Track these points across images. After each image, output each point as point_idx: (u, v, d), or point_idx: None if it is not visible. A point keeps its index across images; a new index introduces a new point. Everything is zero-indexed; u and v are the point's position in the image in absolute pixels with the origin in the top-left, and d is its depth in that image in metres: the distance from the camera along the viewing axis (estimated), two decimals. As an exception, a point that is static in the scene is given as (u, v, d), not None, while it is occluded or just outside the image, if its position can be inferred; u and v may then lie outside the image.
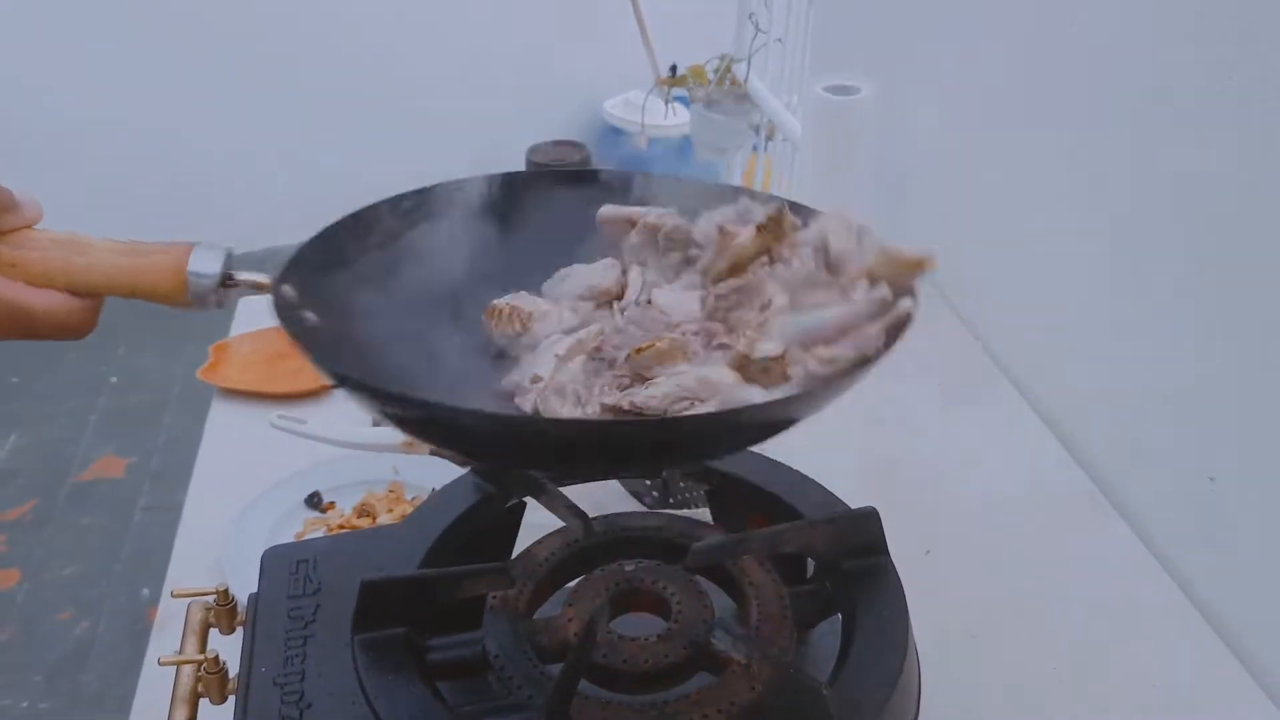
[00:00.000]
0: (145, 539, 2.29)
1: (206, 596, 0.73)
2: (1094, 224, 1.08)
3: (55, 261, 0.59)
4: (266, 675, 0.66)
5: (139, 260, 0.61)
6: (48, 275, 0.59)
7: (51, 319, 0.60)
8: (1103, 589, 0.96)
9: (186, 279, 0.61)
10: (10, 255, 0.59)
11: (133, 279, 0.60)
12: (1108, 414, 1.08)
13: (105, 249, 0.61)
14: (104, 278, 0.60)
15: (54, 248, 0.60)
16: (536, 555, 0.73)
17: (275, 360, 1.28)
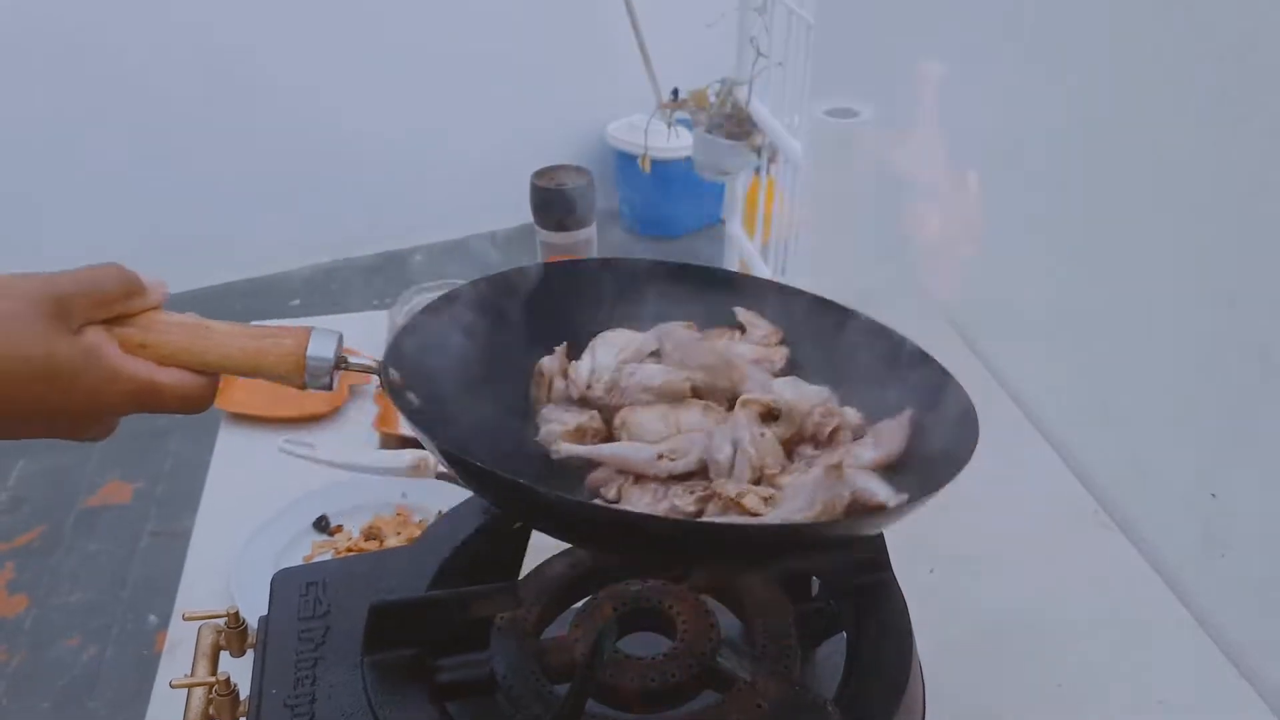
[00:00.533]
0: (152, 564, 2.29)
1: (217, 619, 0.73)
2: (1094, 242, 1.09)
3: (181, 343, 0.63)
4: (277, 697, 0.66)
5: (260, 344, 0.64)
6: (174, 355, 0.63)
7: (176, 394, 0.63)
8: (1106, 605, 0.96)
9: (305, 364, 0.64)
10: (140, 336, 0.62)
11: (254, 361, 0.64)
12: (1108, 430, 1.09)
13: (227, 332, 0.65)
14: (226, 359, 0.64)
15: (180, 330, 0.63)
16: (544, 575, 0.74)
17: (283, 385, 1.29)
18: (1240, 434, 0.90)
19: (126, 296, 0.63)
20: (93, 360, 0.60)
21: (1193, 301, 0.94)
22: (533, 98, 3.47)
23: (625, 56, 2.41)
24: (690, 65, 2.34)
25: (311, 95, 3.22)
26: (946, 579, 0.98)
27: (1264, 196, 0.84)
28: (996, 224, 1.29)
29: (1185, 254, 0.94)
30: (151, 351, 0.63)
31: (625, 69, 2.56)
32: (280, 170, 3.29)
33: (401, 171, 3.44)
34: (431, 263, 3.47)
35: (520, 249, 3.58)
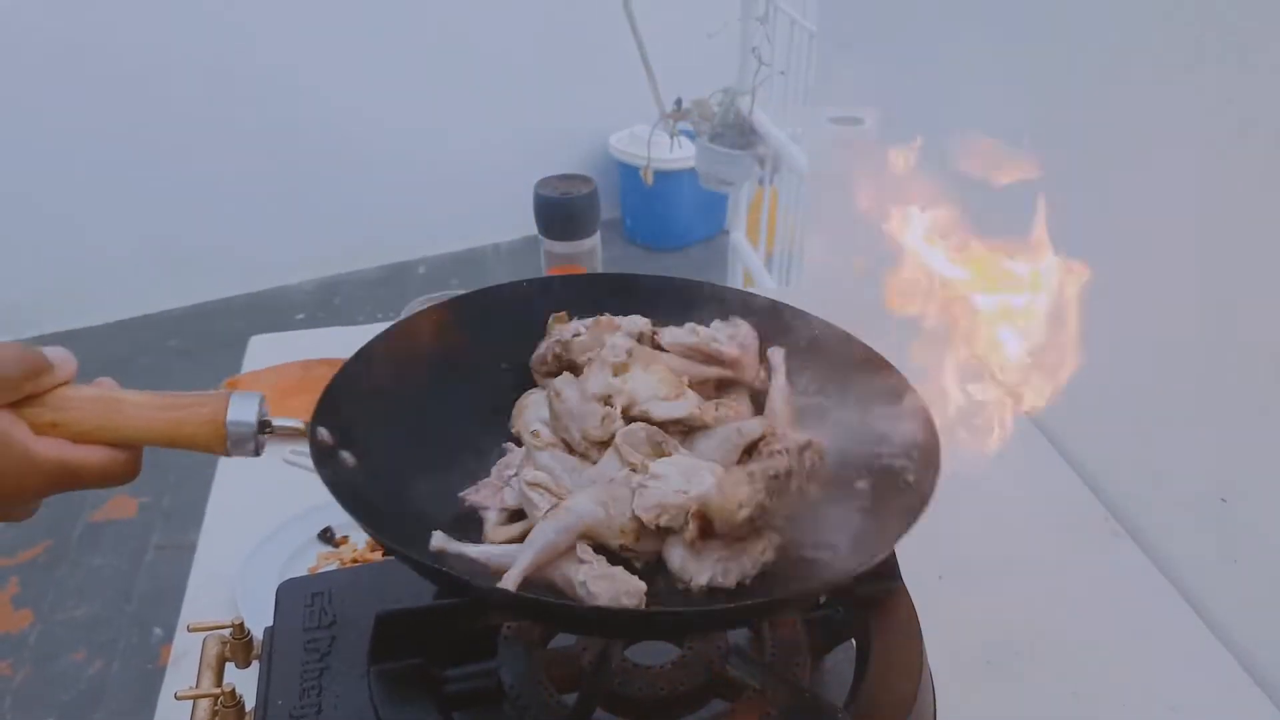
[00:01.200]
0: (157, 578, 2.29)
1: (222, 630, 0.73)
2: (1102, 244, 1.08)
3: (94, 419, 0.61)
4: (283, 708, 0.66)
5: (176, 414, 0.62)
6: (88, 433, 0.61)
7: (94, 470, 0.61)
8: (1117, 612, 0.96)
9: (225, 430, 0.62)
10: (51, 415, 0.60)
11: (172, 432, 0.62)
12: (1118, 437, 1.08)
13: (141, 403, 0.62)
14: (143, 431, 0.62)
15: (91, 405, 0.61)
16: (550, 584, 0.73)
17: (287, 396, 1.28)
18: (1252, 439, 0.89)
19: (32, 376, 0.60)
20: (3, 445, 0.58)
21: (1202, 306, 0.94)
22: (535, 110, 3.48)
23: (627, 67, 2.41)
24: (693, 75, 2.34)
25: (315, 107, 3.24)
26: (956, 587, 0.97)
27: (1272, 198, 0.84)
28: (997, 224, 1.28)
29: (1195, 257, 0.94)
30: (64, 430, 0.60)
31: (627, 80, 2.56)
32: (283, 183, 3.30)
33: (404, 184, 3.45)
34: (435, 275, 3.47)
35: (525, 261, 3.59)
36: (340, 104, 3.25)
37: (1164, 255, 0.98)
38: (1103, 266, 1.07)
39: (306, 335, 1.45)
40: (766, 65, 2.17)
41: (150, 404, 0.62)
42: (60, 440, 0.60)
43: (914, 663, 0.66)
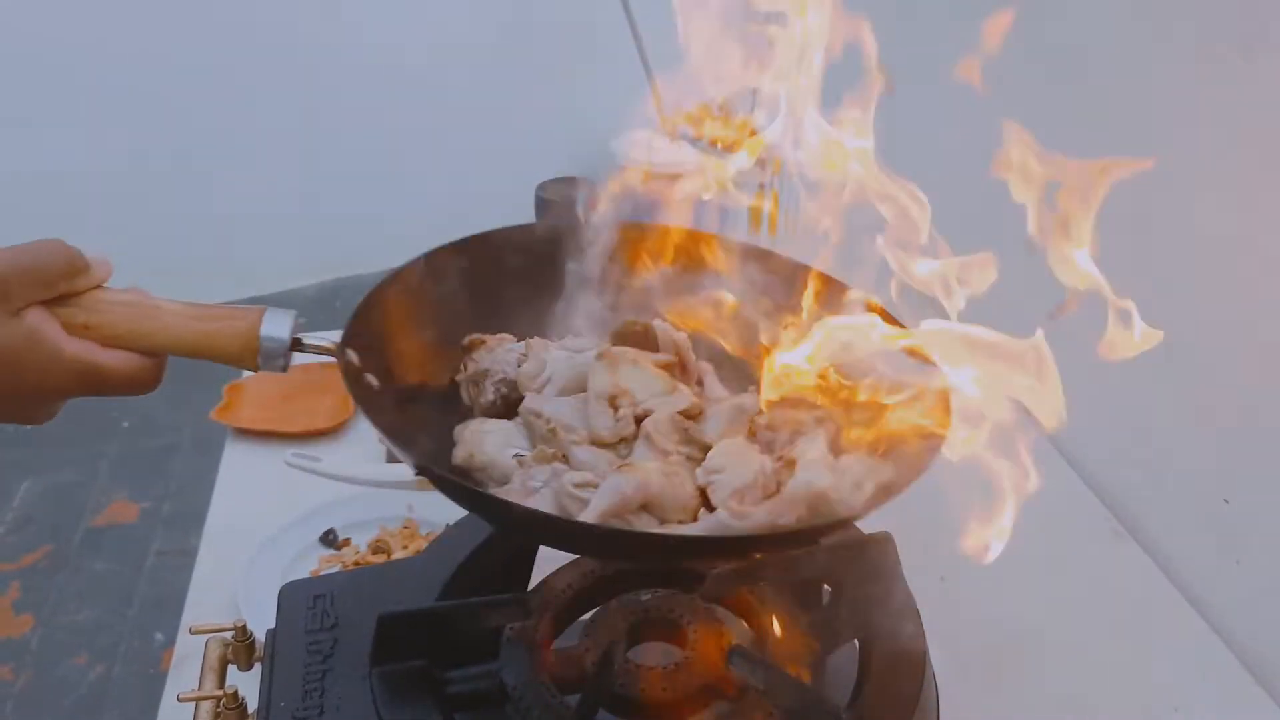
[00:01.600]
0: (159, 583, 2.28)
1: (224, 633, 0.73)
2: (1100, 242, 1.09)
3: (126, 324, 0.61)
4: (286, 709, 0.66)
5: (210, 325, 0.62)
6: (119, 337, 0.61)
7: (121, 376, 0.61)
8: (1120, 613, 0.96)
9: (259, 344, 0.62)
10: (84, 317, 0.60)
11: (205, 342, 0.62)
12: (1119, 437, 1.08)
13: (175, 312, 0.62)
14: (174, 340, 0.62)
15: (125, 310, 0.61)
16: (553, 586, 0.73)
17: (289, 400, 1.29)
18: (1254, 440, 0.89)
19: (70, 275, 0.60)
20: (34, 343, 0.58)
21: (1202, 305, 0.94)
22: (535, 114, 3.48)
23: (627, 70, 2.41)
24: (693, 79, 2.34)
25: (314, 110, 3.24)
26: (959, 589, 0.96)
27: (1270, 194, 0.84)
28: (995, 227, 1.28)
29: (1195, 256, 0.94)
30: (95, 333, 0.60)
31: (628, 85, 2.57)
32: (282, 187, 3.29)
33: (404, 188, 3.45)
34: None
35: (524, 265, 3.59)
36: (340, 108, 3.25)
37: (1163, 254, 0.98)
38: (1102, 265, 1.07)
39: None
40: (767, 69, 2.17)
41: (185, 313, 0.62)
42: (90, 343, 0.60)
43: (917, 664, 0.66)
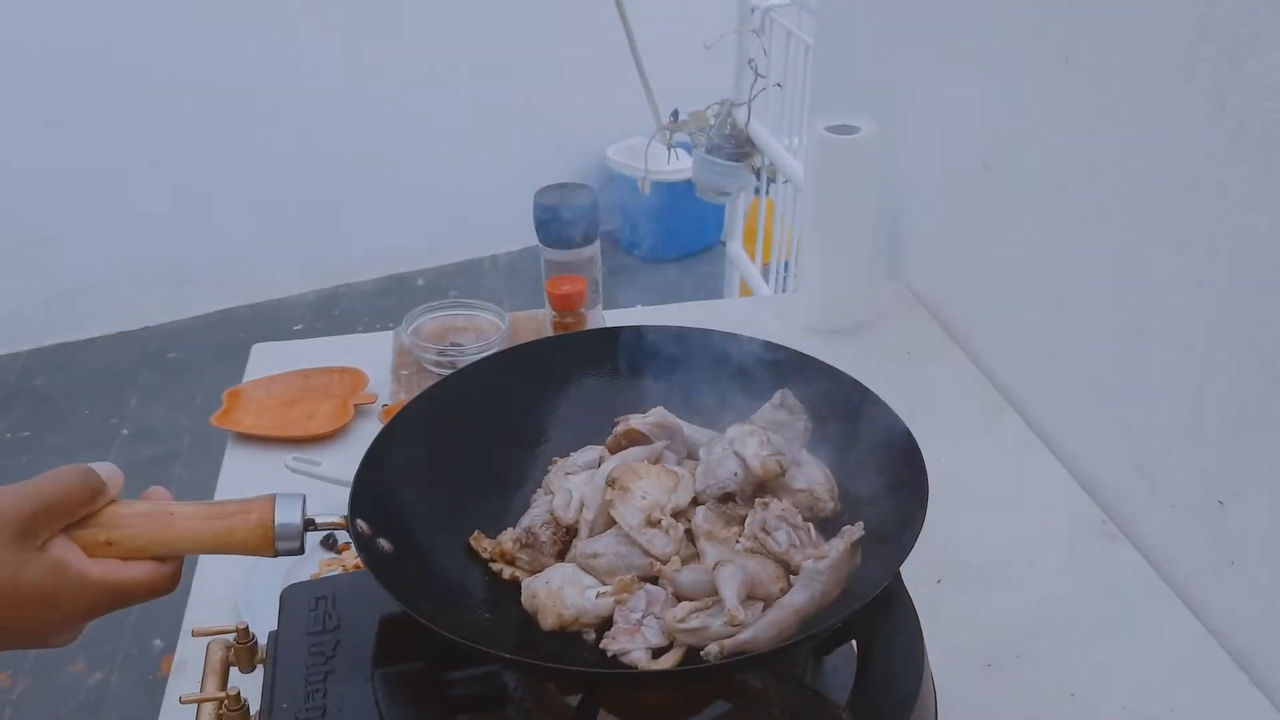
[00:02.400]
0: (156, 590, 2.28)
1: (226, 635, 0.73)
2: (1095, 251, 1.10)
3: (146, 535, 0.62)
4: (288, 711, 0.66)
5: (225, 523, 0.63)
6: (139, 549, 0.61)
7: (144, 588, 0.62)
8: (1115, 615, 0.96)
9: (274, 533, 0.64)
10: (105, 534, 0.60)
11: (223, 540, 0.63)
12: (1113, 440, 1.09)
13: (190, 515, 0.63)
14: (193, 542, 0.63)
15: (143, 521, 0.62)
16: (553, 587, 0.74)
17: (289, 405, 1.29)
18: (1248, 441, 0.90)
19: (90, 500, 0.60)
20: (60, 577, 0.58)
21: (1197, 307, 0.95)
22: (532, 122, 3.50)
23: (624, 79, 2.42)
24: (689, 87, 2.35)
25: (312, 120, 3.25)
26: (955, 590, 0.97)
27: (1266, 199, 0.85)
28: (995, 233, 1.29)
29: (1190, 258, 0.95)
30: (117, 549, 0.61)
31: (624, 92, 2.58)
32: (281, 195, 3.31)
33: (402, 196, 3.46)
34: (434, 286, 3.48)
35: (523, 273, 3.60)
36: (339, 116, 3.26)
37: (1161, 256, 0.99)
38: (1099, 267, 1.09)
39: (307, 345, 1.45)
40: (763, 77, 2.18)
41: (199, 514, 0.63)
42: (112, 561, 0.60)
43: (915, 663, 0.67)
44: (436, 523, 0.71)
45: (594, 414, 0.80)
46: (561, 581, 0.65)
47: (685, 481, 0.69)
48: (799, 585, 0.62)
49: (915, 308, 1.47)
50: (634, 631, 0.62)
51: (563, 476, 0.72)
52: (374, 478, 0.69)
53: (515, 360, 0.80)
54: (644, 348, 0.81)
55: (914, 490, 0.65)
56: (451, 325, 1.37)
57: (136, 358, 3.14)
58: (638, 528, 0.66)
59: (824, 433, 0.74)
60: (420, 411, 0.74)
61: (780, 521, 0.65)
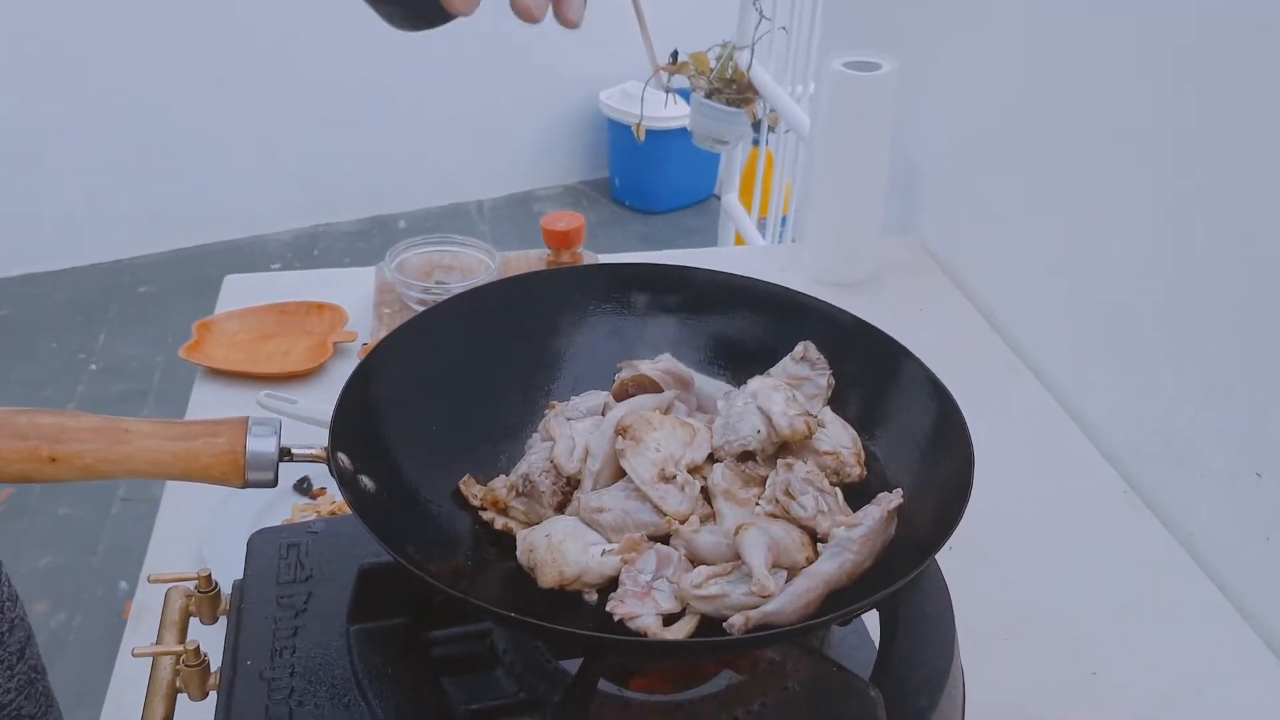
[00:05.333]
0: (123, 531, 2.21)
1: (187, 582, 0.67)
2: (1123, 210, 1.03)
3: (95, 454, 0.55)
4: (252, 669, 0.60)
5: (189, 446, 0.56)
6: (86, 469, 0.55)
7: None
8: (1137, 590, 0.91)
9: (244, 461, 0.56)
10: (49, 450, 0.54)
11: (184, 465, 0.56)
12: (1137, 407, 1.03)
13: (149, 433, 0.56)
14: (150, 465, 0.56)
15: (93, 438, 0.55)
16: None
17: (263, 340, 1.22)
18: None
19: None
20: None
21: (1231, 268, 0.89)
22: (524, 63, 3.38)
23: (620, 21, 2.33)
24: (689, 30, 2.26)
25: (298, 55, 3.13)
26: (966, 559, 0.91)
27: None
28: (1015, 189, 1.23)
29: (1223, 219, 0.89)
30: (62, 467, 0.54)
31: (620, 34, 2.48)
32: (262, 130, 3.20)
33: (387, 135, 3.35)
34: (417, 230, 3.37)
35: (510, 221, 3.51)
36: (324, 53, 3.14)
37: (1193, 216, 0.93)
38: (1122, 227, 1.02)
39: (284, 277, 1.37)
40: (768, 19, 2.09)
41: (159, 433, 0.56)
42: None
43: (946, 635, 0.61)
44: (423, 464, 0.64)
45: (594, 357, 0.73)
46: (563, 535, 0.59)
47: (702, 435, 0.62)
48: (828, 554, 0.56)
49: (927, 262, 1.41)
50: (643, 595, 0.56)
51: (564, 422, 0.65)
52: (357, 409, 0.62)
53: (510, 292, 0.73)
54: (650, 288, 0.74)
55: (955, 461, 0.58)
56: (438, 263, 1.29)
57: (107, 291, 3.04)
58: (650, 482, 0.59)
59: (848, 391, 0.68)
60: (407, 340, 0.67)
61: (806, 485, 0.59)
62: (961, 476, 0.57)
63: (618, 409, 0.64)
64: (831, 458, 0.62)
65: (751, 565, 0.54)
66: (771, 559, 0.55)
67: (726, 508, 0.59)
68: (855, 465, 0.63)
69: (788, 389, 0.64)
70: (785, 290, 0.71)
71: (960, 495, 0.56)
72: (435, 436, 0.65)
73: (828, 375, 0.68)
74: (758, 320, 0.72)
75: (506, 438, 0.68)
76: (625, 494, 0.60)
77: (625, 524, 0.59)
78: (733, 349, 0.72)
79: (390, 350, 0.66)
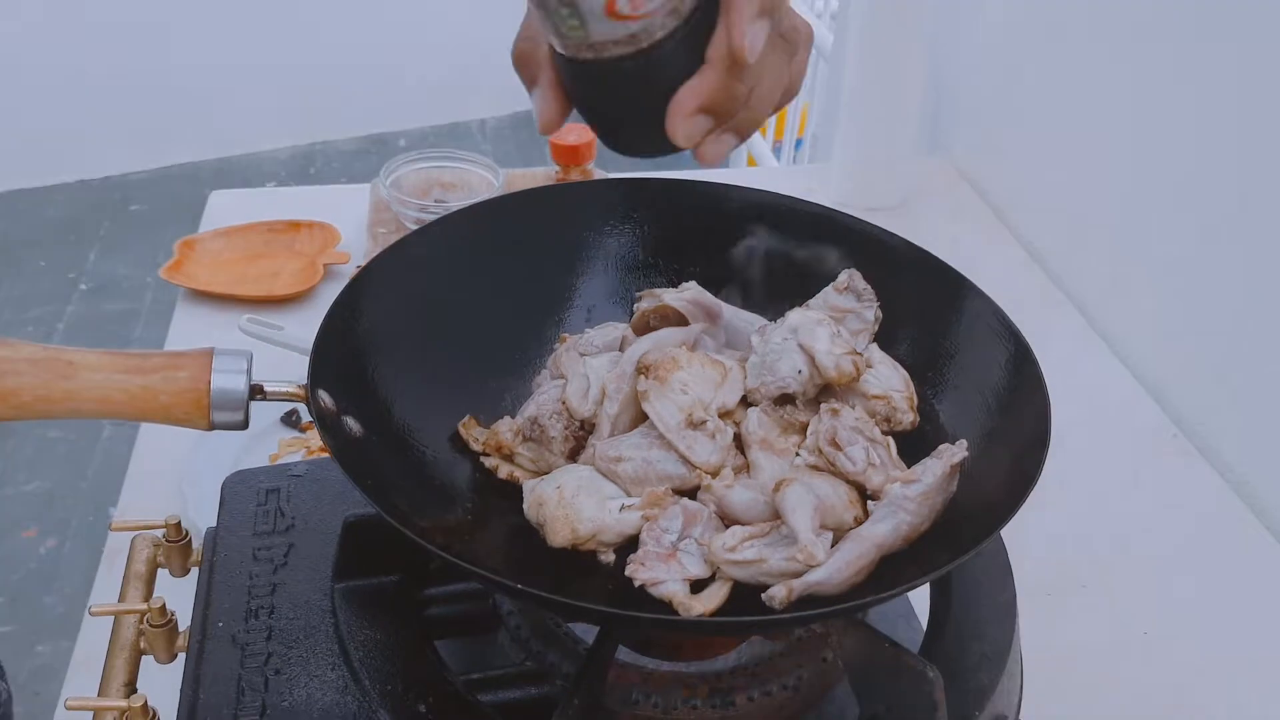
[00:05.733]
0: (114, 456, 2.16)
1: (155, 530, 0.60)
2: (1180, 129, 0.94)
3: (33, 389, 0.47)
4: (224, 631, 0.53)
5: (144, 381, 0.48)
6: (24, 407, 0.47)
7: None
8: (1191, 543, 0.85)
9: (209, 402, 0.49)
10: None
11: (139, 404, 0.48)
12: (1189, 342, 0.96)
13: (97, 366, 0.48)
14: (99, 404, 0.48)
15: (32, 371, 0.47)
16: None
17: (249, 261, 1.14)
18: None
19: None
20: None
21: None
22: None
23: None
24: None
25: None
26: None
27: None
28: (1059, 107, 1.14)
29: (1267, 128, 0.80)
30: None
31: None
32: (259, 42, 3.06)
33: (388, 51, 3.22)
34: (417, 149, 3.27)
35: (513, 141, 3.38)
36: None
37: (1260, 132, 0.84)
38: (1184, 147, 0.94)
39: (273, 194, 1.29)
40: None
41: (110, 366, 0.48)
42: None
43: (1006, 603, 0.54)
44: (417, 403, 0.56)
45: (611, 285, 0.65)
46: (576, 488, 0.51)
47: (734, 375, 0.55)
48: (881, 514, 0.49)
49: (960, 185, 1.32)
50: (668, 557, 0.49)
51: (577, 358, 0.57)
52: (341, 339, 0.54)
53: (516, 209, 0.65)
54: (672, 208, 0.66)
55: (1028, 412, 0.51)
56: (438, 180, 1.20)
57: (97, 208, 2.94)
58: (676, 428, 0.52)
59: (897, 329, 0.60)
60: (401, 261, 0.59)
61: (855, 435, 0.51)
62: (1036, 428, 0.50)
63: (638, 344, 0.57)
64: (882, 402, 0.55)
65: (796, 528, 0.46)
66: (819, 521, 0.47)
67: (763, 458, 0.52)
68: (908, 411, 0.55)
69: (833, 324, 0.56)
70: (829, 211, 0.63)
71: (1035, 451, 0.48)
72: (432, 372, 0.58)
73: (875, 308, 0.60)
74: (794, 245, 0.64)
75: (512, 374, 0.61)
76: (647, 441, 0.53)
77: (647, 476, 0.52)
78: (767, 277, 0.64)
79: (381, 272, 0.58)
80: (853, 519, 0.50)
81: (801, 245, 0.63)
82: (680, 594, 0.48)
